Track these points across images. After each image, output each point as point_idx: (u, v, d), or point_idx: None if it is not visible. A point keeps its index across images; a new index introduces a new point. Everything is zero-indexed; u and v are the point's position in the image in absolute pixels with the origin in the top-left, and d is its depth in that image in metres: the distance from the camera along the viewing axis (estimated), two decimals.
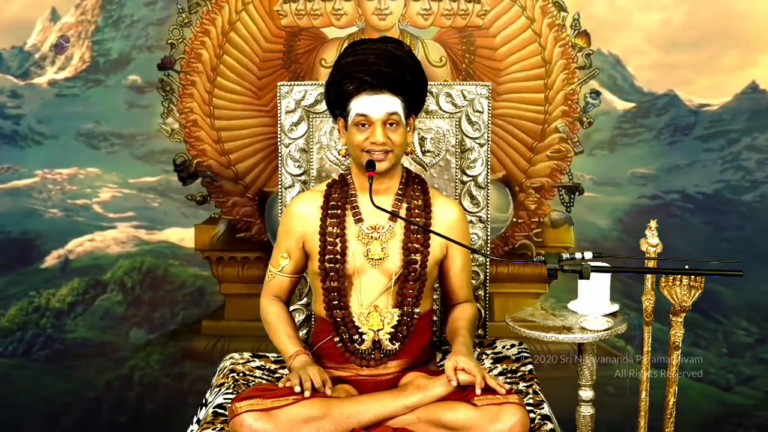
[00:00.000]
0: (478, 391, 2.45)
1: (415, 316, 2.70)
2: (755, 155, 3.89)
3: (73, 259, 3.94)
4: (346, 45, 3.70)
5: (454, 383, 2.49)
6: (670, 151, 3.87)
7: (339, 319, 2.70)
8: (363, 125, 2.62)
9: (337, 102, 2.67)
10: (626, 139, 3.86)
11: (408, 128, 2.69)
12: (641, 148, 3.85)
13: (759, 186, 3.90)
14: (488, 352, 3.06)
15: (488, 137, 3.12)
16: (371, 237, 2.70)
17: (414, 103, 2.70)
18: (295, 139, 3.10)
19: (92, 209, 3.91)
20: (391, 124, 2.62)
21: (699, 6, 3.75)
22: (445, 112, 3.11)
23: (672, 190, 3.89)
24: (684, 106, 3.86)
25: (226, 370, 2.97)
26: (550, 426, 2.62)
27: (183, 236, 3.91)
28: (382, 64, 2.60)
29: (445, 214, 2.76)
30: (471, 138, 3.11)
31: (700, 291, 2.72)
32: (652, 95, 3.86)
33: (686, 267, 2.64)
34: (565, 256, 2.46)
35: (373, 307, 2.69)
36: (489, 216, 3.15)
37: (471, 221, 3.08)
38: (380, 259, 2.69)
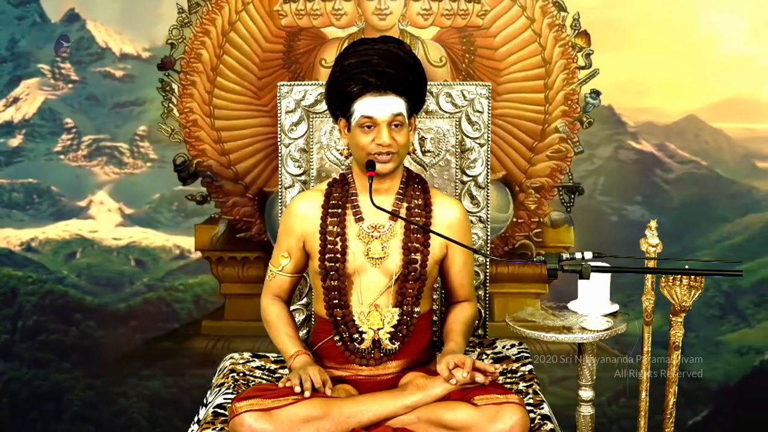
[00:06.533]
0: (466, 373, 2.46)
1: (415, 315, 2.70)
2: None
3: None
4: (346, 45, 3.71)
5: (453, 381, 2.49)
6: None
7: (339, 318, 2.70)
8: (368, 127, 2.60)
9: (339, 103, 2.65)
10: None
11: (410, 128, 2.69)
12: None
13: None
14: (488, 352, 3.06)
15: (488, 137, 3.12)
16: (371, 236, 2.70)
17: (415, 103, 2.70)
18: (295, 139, 3.10)
19: None
20: (396, 125, 2.61)
21: None
22: (445, 112, 3.11)
23: None
24: None
25: (226, 370, 2.97)
26: (550, 426, 2.62)
27: (7, 235, 3.95)
28: (386, 65, 2.59)
29: (446, 214, 2.75)
30: (471, 138, 3.11)
31: (700, 291, 2.72)
32: None
33: (686, 267, 2.65)
34: (565, 256, 2.46)
35: (373, 307, 2.69)
36: (489, 216, 3.15)
37: (471, 221, 3.08)
38: (380, 258, 2.69)
